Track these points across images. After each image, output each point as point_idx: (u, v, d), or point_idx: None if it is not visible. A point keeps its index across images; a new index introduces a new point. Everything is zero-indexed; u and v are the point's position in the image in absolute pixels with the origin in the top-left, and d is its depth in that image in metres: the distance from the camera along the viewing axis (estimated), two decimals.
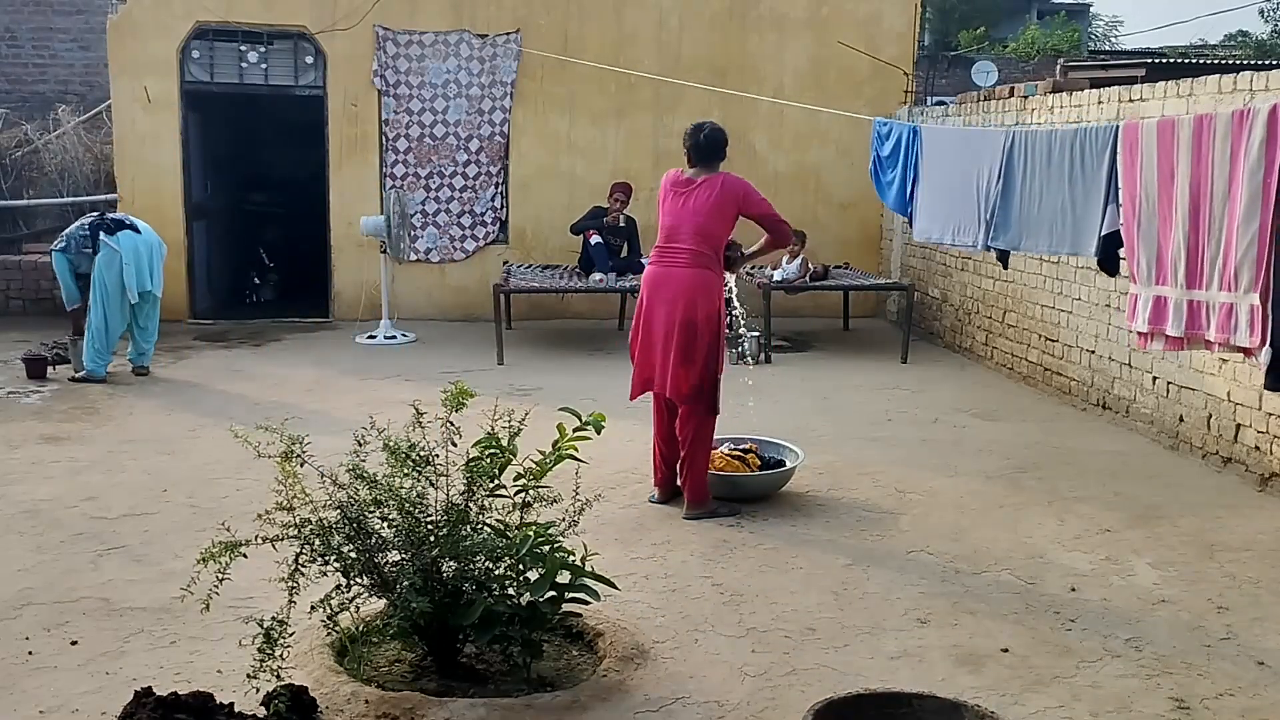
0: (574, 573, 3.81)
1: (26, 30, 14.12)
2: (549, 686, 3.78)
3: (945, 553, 5.18)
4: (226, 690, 3.56)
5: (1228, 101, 6.42)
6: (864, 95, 11.91)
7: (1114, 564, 5.08)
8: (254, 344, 10.33)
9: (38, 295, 11.39)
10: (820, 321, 11.61)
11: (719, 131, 5.74)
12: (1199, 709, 3.79)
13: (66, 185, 12.12)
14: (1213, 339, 4.53)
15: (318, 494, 3.71)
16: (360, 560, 3.65)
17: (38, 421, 7.33)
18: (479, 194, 11.62)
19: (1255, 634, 4.36)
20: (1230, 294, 4.37)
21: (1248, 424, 6.31)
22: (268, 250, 13.28)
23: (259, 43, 11.23)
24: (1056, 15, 30.68)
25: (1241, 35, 28.14)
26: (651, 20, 11.68)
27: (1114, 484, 6.26)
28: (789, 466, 6.00)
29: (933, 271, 10.76)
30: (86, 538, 5.21)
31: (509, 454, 3.83)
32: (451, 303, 11.70)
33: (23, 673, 3.88)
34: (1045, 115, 8.62)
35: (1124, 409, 7.54)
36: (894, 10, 12.05)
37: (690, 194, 5.62)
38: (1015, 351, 9.08)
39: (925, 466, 6.55)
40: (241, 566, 3.56)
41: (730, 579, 4.83)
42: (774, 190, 11.56)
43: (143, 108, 11.12)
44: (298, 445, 3.66)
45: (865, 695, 3.45)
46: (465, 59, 11.41)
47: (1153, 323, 4.80)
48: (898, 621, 4.43)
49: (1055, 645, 4.24)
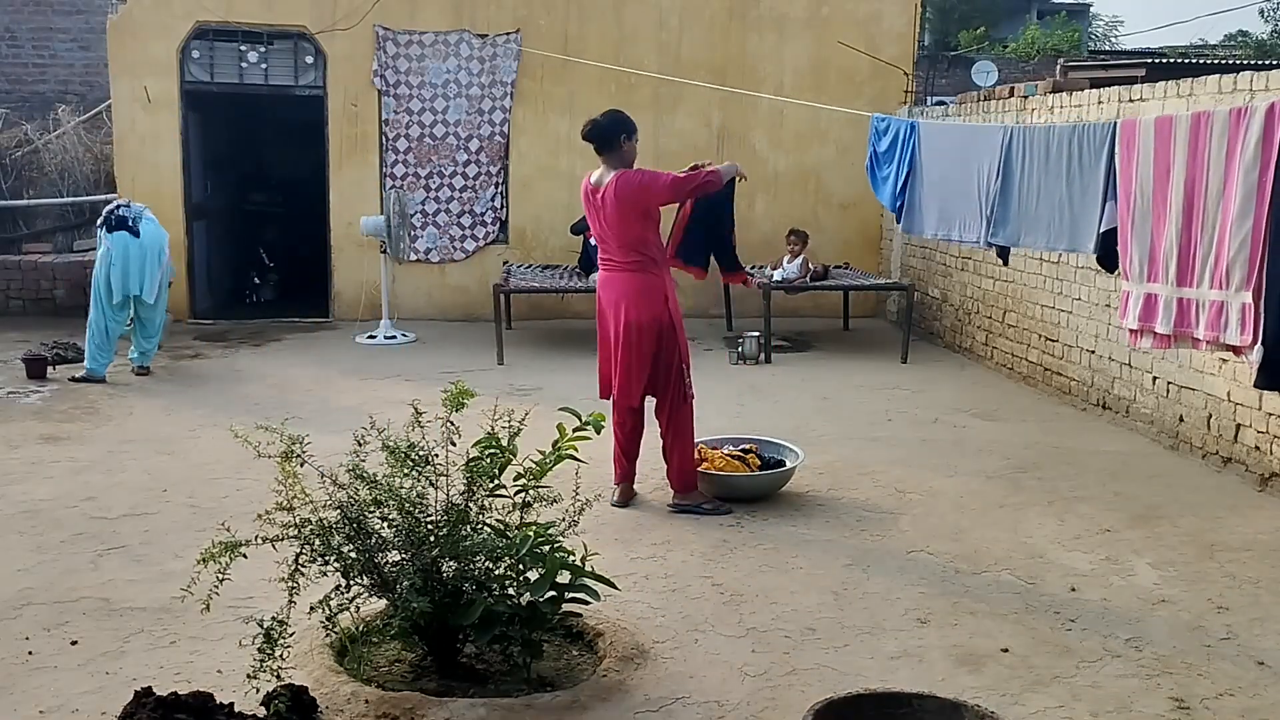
0: (574, 573, 3.81)
1: (26, 30, 14.12)
2: (549, 686, 3.78)
3: (945, 553, 5.18)
4: (226, 690, 3.57)
5: (1228, 101, 6.41)
6: (864, 95, 11.91)
7: (1114, 564, 5.08)
8: (254, 344, 10.33)
9: (38, 295, 11.39)
10: (820, 321, 11.62)
11: (609, 119, 5.69)
12: (1199, 709, 3.79)
13: (66, 185, 12.12)
14: (1201, 337, 4.53)
15: (318, 494, 3.71)
16: (360, 560, 3.65)
17: (38, 421, 7.33)
18: (479, 194, 11.62)
19: (1255, 634, 4.36)
20: (1221, 292, 4.37)
21: (1248, 424, 6.31)
22: (268, 250, 13.28)
23: (259, 43, 11.23)
24: (1056, 15, 30.67)
25: (1241, 35, 28.16)
26: (651, 20, 11.68)
27: (1114, 484, 6.26)
28: (789, 466, 6.00)
29: (933, 271, 10.75)
30: (86, 538, 5.21)
31: (509, 454, 3.83)
32: (451, 303, 11.70)
33: (23, 673, 3.88)
34: (1045, 115, 8.62)
35: (1124, 409, 7.54)
36: (894, 10, 12.05)
37: (600, 209, 5.64)
38: (1015, 351, 9.08)
39: (925, 466, 6.55)
40: (241, 566, 3.56)
41: (730, 579, 4.83)
42: (774, 190, 11.64)
43: (143, 108, 11.13)
44: (298, 445, 3.66)
45: (865, 695, 3.44)
46: (465, 59, 11.41)
47: (1143, 320, 4.80)
48: (898, 621, 4.43)
49: (1055, 645, 4.24)
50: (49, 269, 11.41)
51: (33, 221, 12.09)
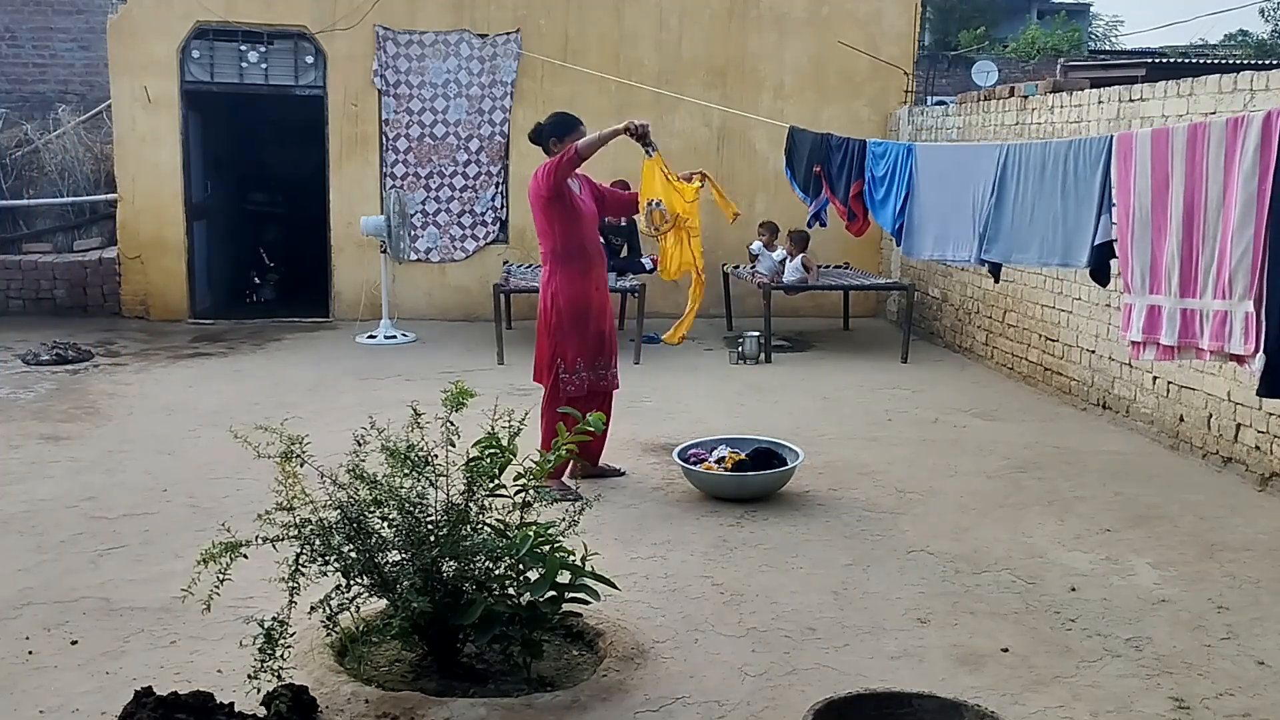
0: (574, 573, 3.81)
1: (26, 30, 14.10)
2: (549, 686, 3.78)
3: (945, 553, 5.18)
4: (226, 690, 3.57)
5: (1228, 101, 6.42)
6: (864, 95, 11.92)
7: (1114, 564, 5.08)
8: (254, 344, 10.33)
9: (38, 295, 11.38)
10: (820, 321, 11.62)
11: (548, 121, 6.09)
12: (1199, 709, 3.79)
13: (66, 185, 12.11)
14: (1205, 347, 4.52)
15: (318, 494, 3.71)
16: (360, 560, 3.65)
17: (37, 422, 7.33)
18: (479, 194, 11.62)
19: (1255, 634, 4.36)
20: (1224, 301, 4.36)
21: (1248, 424, 6.31)
22: (268, 250, 13.29)
23: (259, 43, 11.23)
24: (1057, 15, 30.65)
25: (1241, 35, 28.15)
26: (651, 20, 11.69)
27: (1114, 484, 6.26)
28: (789, 466, 5.99)
29: (933, 271, 10.76)
30: (86, 538, 5.21)
31: (509, 454, 3.83)
32: (451, 303, 11.70)
33: (23, 673, 3.88)
34: (1045, 115, 8.62)
35: (1124, 409, 7.54)
36: (894, 10, 12.05)
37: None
38: (1015, 351, 9.08)
39: (925, 466, 6.55)
40: (242, 566, 3.56)
41: (730, 579, 4.83)
42: (774, 190, 11.62)
43: (143, 108, 11.13)
44: (298, 445, 3.67)
45: (865, 695, 3.45)
46: (465, 59, 11.41)
47: (1147, 332, 4.79)
48: (898, 621, 4.43)
49: (1055, 645, 4.24)
50: (49, 269, 11.40)
51: (33, 221, 12.08)
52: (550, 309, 5.96)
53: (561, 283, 5.93)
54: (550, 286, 5.95)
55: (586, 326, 5.97)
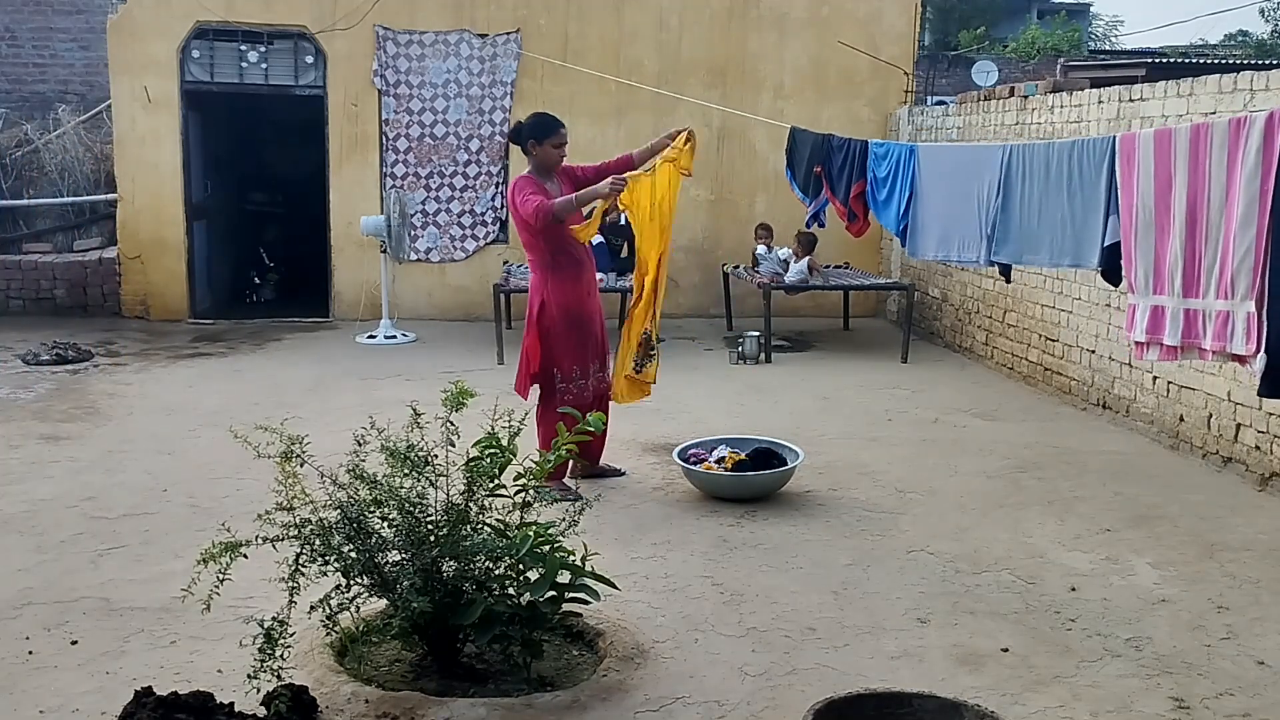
0: (574, 573, 3.81)
1: (26, 30, 14.10)
2: (549, 686, 3.78)
3: (945, 553, 5.18)
4: (226, 690, 3.56)
5: (1228, 101, 6.42)
6: (864, 95, 11.92)
7: (1114, 564, 5.08)
8: (254, 344, 10.33)
9: (38, 295, 11.39)
10: (820, 321, 11.62)
11: (527, 122, 6.22)
12: (1199, 709, 3.79)
13: (67, 185, 12.11)
14: (1208, 347, 4.53)
15: (318, 494, 3.71)
16: (360, 560, 3.65)
17: (37, 422, 7.33)
18: (479, 194, 11.62)
19: (1255, 634, 4.36)
20: (1227, 302, 4.37)
21: (1248, 424, 6.31)
22: (268, 250, 13.28)
23: (259, 42, 11.23)
24: (1057, 15, 30.65)
25: (1241, 35, 28.17)
26: (651, 20, 11.68)
27: (1114, 484, 6.26)
28: (789, 466, 5.99)
29: (933, 271, 10.75)
30: (86, 538, 5.21)
31: (509, 454, 3.83)
32: (451, 303, 11.70)
33: (23, 673, 3.88)
34: (1045, 115, 8.62)
35: (1124, 409, 7.54)
36: (894, 10, 12.05)
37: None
38: (1015, 351, 9.08)
39: (925, 466, 6.55)
40: (242, 566, 3.56)
41: (730, 579, 4.83)
42: (774, 190, 11.62)
43: (143, 108, 11.13)
44: (298, 445, 3.66)
45: (865, 695, 3.45)
46: (465, 59, 11.41)
47: (1150, 332, 4.80)
48: (898, 621, 4.43)
49: (1055, 645, 4.24)
50: (49, 269, 11.40)
51: (33, 221, 12.08)
52: (542, 316, 5.87)
53: (553, 289, 5.85)
54: (541, 293, 5.88)
55: (581, 331, 5.92)
